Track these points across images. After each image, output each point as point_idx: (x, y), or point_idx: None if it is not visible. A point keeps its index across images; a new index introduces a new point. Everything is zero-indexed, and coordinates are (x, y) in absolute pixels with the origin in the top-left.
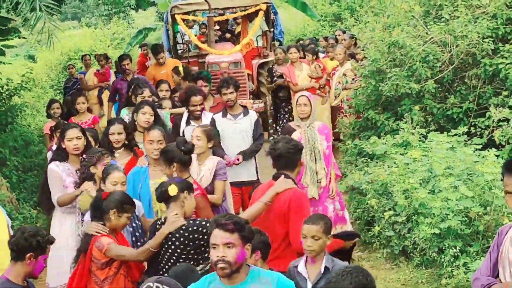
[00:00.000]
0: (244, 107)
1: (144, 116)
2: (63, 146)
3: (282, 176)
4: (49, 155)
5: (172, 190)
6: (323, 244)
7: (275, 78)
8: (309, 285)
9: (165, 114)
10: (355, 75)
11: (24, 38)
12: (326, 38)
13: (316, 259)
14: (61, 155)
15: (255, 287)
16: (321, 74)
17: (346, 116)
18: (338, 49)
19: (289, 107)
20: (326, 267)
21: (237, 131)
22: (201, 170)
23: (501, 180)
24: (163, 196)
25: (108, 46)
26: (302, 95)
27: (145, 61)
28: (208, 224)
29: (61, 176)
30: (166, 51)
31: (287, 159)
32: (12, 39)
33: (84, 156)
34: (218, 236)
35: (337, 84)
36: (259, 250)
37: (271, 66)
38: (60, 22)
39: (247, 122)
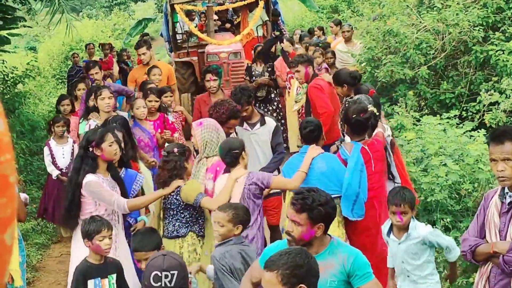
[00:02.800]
0: (261, 114)
1: (104, 101)
2: (95, 153)
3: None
4: (46, 150)
5: None
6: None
7: (253, 78)
8: None
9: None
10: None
11: (29, 27)
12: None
13: None
14: (93, 165)
15: (331, 261)
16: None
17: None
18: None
19: (269, 107)
20: None
21: (254, 142)
22: None
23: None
24: None
25: (110, 36)
26: None
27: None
28: None
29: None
30: (166, 47)
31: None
32: (17, 27)
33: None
34: (289, 211)
35: (298, 89)
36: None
37: (249, 65)
38: (58, 15)
39: (265, 132)
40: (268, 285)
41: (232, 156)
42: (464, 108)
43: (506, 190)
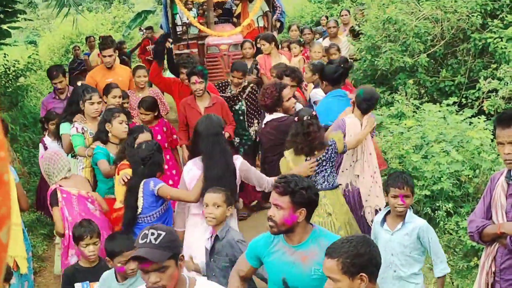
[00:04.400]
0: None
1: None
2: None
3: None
4: (41, 147)
5: None
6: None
7: None
8: None
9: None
10: None
11: (30, 20)
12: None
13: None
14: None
15: (314, 249)
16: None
17: None
18: (316, 47)
19: None
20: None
21: None
22: None
23: (491, 139)
24: None
25: (110, 29)
26: None
27: (146, 45)
28: None
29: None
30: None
31: None
32: (18, 21)
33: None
34: (272, 195)
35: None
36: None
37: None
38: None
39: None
40: (328, 272)
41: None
42: (464, 96)
43: None
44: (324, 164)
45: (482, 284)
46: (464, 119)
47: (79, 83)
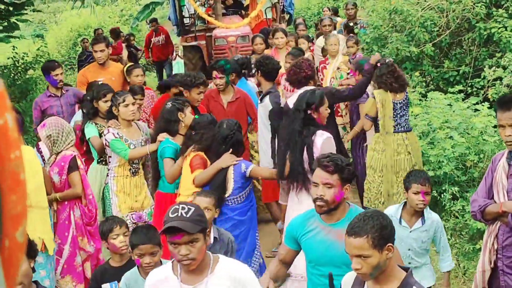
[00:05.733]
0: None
1: (128, 108)
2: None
3: None
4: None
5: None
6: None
7: None
8: None
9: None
10: (349, 69)
11: (39, 11)
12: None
13: None
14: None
15: None
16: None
17: (341, 116)
18: (332, 39)
19: None
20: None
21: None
22: None
23: (495, 125)
24: None
25: (117, 22)
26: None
27: (150, 37)
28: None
29: None
30: (174, 31)
31: None
32: (26, 13)
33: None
34: (319, 175)
35: (332, 80)
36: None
37: None
38: (62, 2)
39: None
40: (357, 251)
41: None
42: (469, 84)
43: None
44: (405, 108)
45: (486, 262)
46: (469, 107)
47: (99, 82)
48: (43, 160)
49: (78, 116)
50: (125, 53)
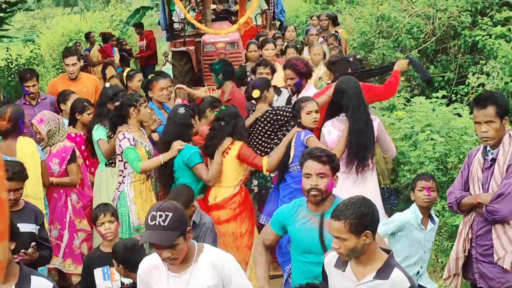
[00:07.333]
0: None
1: (147, 110)
2: None
3: None
4: None
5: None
6: None
7: None
8: None
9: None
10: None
11: (31, 10)
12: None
13: None
14: None
15: None
16: None
17: None
18: (316, 48)
19: None
20: None
21: None
22: None
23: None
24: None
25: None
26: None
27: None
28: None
29: None
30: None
31: None
32: (19, 9)
33: None
34: (312, 166)
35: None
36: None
37: None
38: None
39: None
40: (336, 233)
41: None
42: (454, 91)
43: (488, 148)
44: None
45: (460, 250)
46: (451, 111)
47: (107, 84)
48: None
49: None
50: (117, 57)
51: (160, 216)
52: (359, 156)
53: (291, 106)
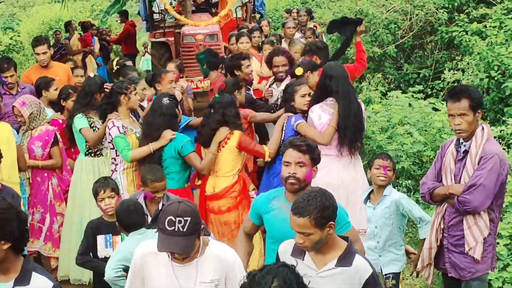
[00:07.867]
0: None
1: (137, 96)
2: None
3: None
4: None
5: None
6: None
7: None
8: None
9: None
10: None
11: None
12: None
13: None
14: None
15: None
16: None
17: None
18: (297, 47)
19: None
20: None
21: None
22: None
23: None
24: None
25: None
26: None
27: (132, 31)
28: None
29: None
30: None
31: None
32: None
33: None
34: (291, 155)
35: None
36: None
37: None
38: None
39: None
40: (300, 229)
41: None
42: (430, 86)
43: (461, 140)
44: None
45: (433, 240)
46: (427, 105)
47: (91, 74)
48: None
49: (49, 113)
50: (97, 46)
51: (179, 222)
52: (351, 138)
53: None
